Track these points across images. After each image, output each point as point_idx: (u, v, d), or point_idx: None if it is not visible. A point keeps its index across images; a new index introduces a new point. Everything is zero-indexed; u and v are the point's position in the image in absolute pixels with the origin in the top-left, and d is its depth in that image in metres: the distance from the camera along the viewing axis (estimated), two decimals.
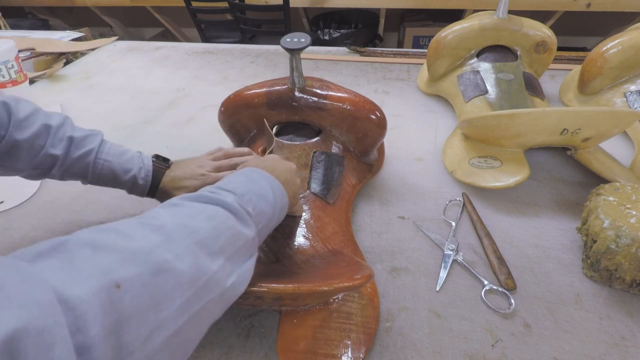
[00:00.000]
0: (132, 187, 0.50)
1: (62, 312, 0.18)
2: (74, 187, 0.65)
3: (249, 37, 1.99)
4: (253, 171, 0.39)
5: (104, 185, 0.50)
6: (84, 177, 0.49)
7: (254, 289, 0.34)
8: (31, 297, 0.17)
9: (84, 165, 0.47)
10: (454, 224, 0.55)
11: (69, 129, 0.47)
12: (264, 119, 0.56)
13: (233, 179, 0.36)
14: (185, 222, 0.27)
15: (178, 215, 0.28)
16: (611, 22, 2.10)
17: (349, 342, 0.40)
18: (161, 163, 0.52)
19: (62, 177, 0.48)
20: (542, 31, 0.77)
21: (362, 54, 1.10)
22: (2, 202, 0.62)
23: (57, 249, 0.21)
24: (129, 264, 0.22)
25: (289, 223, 0.48)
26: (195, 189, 0.49)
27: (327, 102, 0.54)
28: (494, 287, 0.46)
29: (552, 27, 0.83)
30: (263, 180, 0.38)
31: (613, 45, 0.70)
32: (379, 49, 1.12)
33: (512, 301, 0.44)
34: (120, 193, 0.63)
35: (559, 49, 0.83)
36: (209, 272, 0.26)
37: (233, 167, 0.53)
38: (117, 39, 1.30)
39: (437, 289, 0.47)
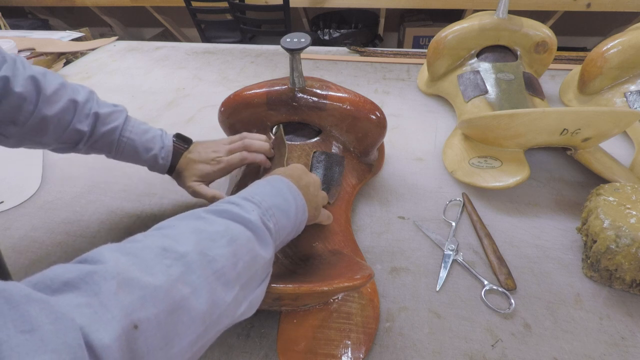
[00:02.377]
0: (152, 165, 0.52)
1: (87, 357, 0.19)
2: (74, 187, 0.65)
3: (249, 37, 1.99)
4: (281, 181, 0.38)
5: (126, 161, 0.52)
6: (108, 152, 0.50)
7: None
8: (63, 340, 0.18)
9: (108, 142, 0.49)
10: (454, 224, 0.55)
11: (95, 104, 0.48)
12: (280, 126, 0.56)
13: (260, 189, 0.36)
14: (206, 248, 0.27)
15: (200, 237, 0.28)
16: (611, 22, 2.10)
17: (349, 342, 0.40)
18: (181, 144, 0.53)
19: (88, 151, 0.50)
20: (542, 31, 0.77)
21: (362, 54, 1.10)
22: (2, 202, 0.62)
23: (84, 280, 0.21)
24: (148, 304, 0.22)
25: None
26: (207, 175, 0.51)
27: (327, 102, 0.54)
28: (494, 287, 0.46)
29: (552, 27, 0.83)
30: (289, 193, 0.37)
31: (613, 45, 0.70)
32: (379, 49, 1.12)
33: (512, 301, 0.44)
34: (120, 193, 0.63)
35: (559, 49, 0.83)
36: (223, 306, 0.27)
37: (246, 148, 0.53)
38: (117, 39, 1.30)
39: (437, 289, 0.47)
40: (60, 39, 1.24)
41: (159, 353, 0.22)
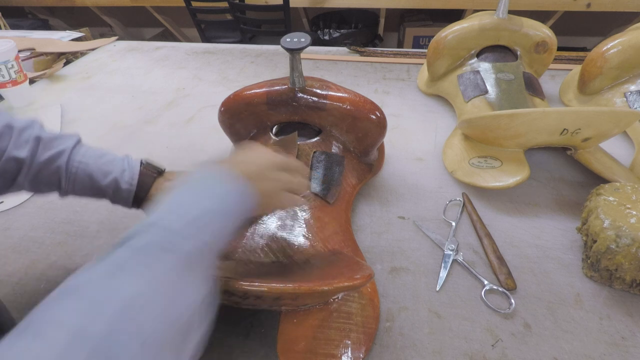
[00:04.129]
0: (115, 193, 0.43)
1: None
2: None
3: (249, 37, 1.99)
4: (204, 176, 0.33)
5: (83, 195, 0.43)
6: (57, 186, 0.42)
7: (254, 289, 0.34)
8: None
9: (54, 170, 0.41)
10: (454, 224, 0.55)
11: (37, 130, 0.41)
12: (296, 132, 0.56)
13: (178, 198, 0.31)
14: (129, 317, 0.22)
15: (121, 305, 0.22)
16: (611, 22, 2.10)
17: (349, 342, 0.40)
18: (151, 169, 0.45)
19: (32, 186, 0.42)
20: (542, 31, 0.77)
21: (362, 54, 1.10)
22: (2, 202, 0.62)
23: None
24: None
25: (288, 222, 0.48)
26: None
27: (327, 102, 0.54)
28: (494, 287, 0.46)
29: (552, 27, 0.83)
30: (218, 185, 0.32)
31: (613, 45, 0.70)
32: (379, 49, 1.12)
33: (512, 301, 0.44)
34: None
35: (559, 49, 0.83)
36: None
37: None
38: (117, 39, 1.30)
39: (437, 289, 0.47)
40: (60, 39, 1.24)
41: None
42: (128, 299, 0.23)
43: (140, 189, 0.44)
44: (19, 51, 0.99)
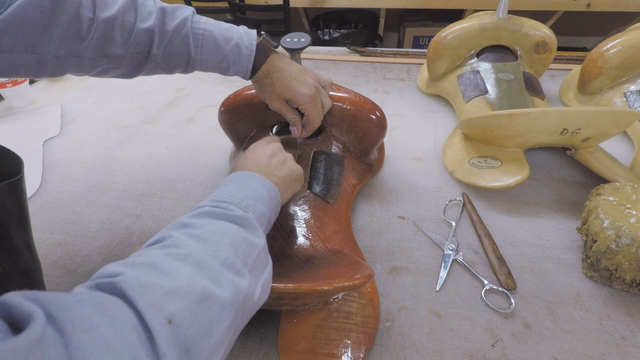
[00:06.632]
0: (235, 60, 0.46)
1: (144, 351, 0.20)
2: (74, 187, 0.65)
3: None
4: (239, 175, 0.39)
5: (208, 65, 0.47)
6: (187, 54, 0.45)
7: None
8: (122, 341, 0.20)
9: (183, 38, 0.44)
10: (454, 224, 0.55)
11: (158, 1, 0.44)
12: (296, 140, 0.56)
13: (223, 189, 0.36)
14: (205, 246, 0.28)
15: (196, 239, 0.29)
16: (611, 22, 2.11)
17: (349, 342, 0.40)
18: (268, 41, 0.47)
19: (165, 57, 0.45)
20: (542, 31, 0.77)
21: (362, 54, 1.10)
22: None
23: (112, 287, 0.23)
24: (175, 299, 0.23)
25: (288, 222, 0.48)
26: (305, 97, 0.48)
27: None
28: (494, 287, 0.46)
29: (552, 27, 0.83)
30: (254, 182, 0.38)
31: (613, 45, 0.70)
32: (379, 49, 1.12)
33: (512, 301, 0.44)
34: (120, 193, 0.63)
35: (559, 49, 0.83)
36: (244, 290, 0.28)
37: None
38: None
39: (437, 288, 0.47)
40: None
41: (204, 342, 0.23)
42: (200, 234, 0.29)
43: (258, 59, 0.46)
44: None
